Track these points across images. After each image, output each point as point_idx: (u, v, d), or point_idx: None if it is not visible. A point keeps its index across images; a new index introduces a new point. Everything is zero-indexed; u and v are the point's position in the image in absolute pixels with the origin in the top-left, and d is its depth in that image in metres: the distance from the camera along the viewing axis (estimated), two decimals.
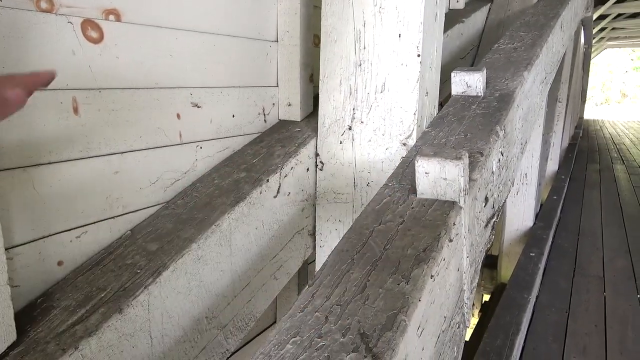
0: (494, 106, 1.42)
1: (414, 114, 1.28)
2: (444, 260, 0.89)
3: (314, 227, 1.49)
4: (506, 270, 4.47)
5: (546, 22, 2.33)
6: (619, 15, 14.49)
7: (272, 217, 1.30)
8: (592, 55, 19.98)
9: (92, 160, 1.05)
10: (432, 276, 0.83)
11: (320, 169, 1.45)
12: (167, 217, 1.16)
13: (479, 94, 1.51)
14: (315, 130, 1.48)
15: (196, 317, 1.08)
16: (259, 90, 1.51)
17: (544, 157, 4.85)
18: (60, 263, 1.01)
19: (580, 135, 11.45)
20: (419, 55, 1.25)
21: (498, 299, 3.16)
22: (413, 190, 1.04)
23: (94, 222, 1.08)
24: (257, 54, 1.49)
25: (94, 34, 1.03)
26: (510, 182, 1.53)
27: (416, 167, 0.99)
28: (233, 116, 1.41)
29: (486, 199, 1.20)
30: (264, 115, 1.53)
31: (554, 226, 4.43)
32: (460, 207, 0.98)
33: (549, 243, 4.07)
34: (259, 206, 1.24)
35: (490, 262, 5.39)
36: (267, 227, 1.28)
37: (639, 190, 6.18)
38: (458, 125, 1.34)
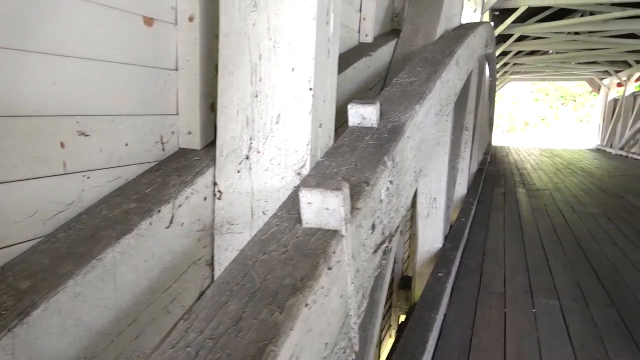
0: (385, 137, 1.51)
1: (307, 144, 1.33)
2: (323, 288, 0.92)
3: (212, 256, 1.48)
4: (419, 291, 4.65)
5: (442, 59, 2.53)
6: (519, 52, 16.03)
7: (164, 249, 1.27)
8: (498, 87, 21.83)
9: None
10: (307, 305, 0.85)
11: (219, 198, 1.44)
12: (45, 252, 1.10)
13: (373, 126, 1.60)
14: (214, 159, 1.48)
15: (73, 358, 1.02)
16: (157, 118, 1.49)
17: (451, 182, 5.17)
18: None
19: (489, 160, 12.34)
20: (310, 89, 1.30)
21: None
22: (300, 220, 1.07)
23: None
24: (155, 82, 1.47)
25: None
26: (402, 209, 1.62)
27: (300, 198, 1.02)
28: (126, 145, 1.37)
29: (373, 226, 1.26)
30: (162, 143, 1.50)
31: (461, 247, 4.69)
32: (342, 236, 1.03)
33: (457, 263, 4.30)
34: (149, 238, 1.21)
35: (405, 283, 5.60)
36: (159, 258, 1.25)
37: (536, 212, 6.75)
38: (350, 156, 1.40)
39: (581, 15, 11.58)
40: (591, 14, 10.91)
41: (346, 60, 2.66)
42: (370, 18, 3.22)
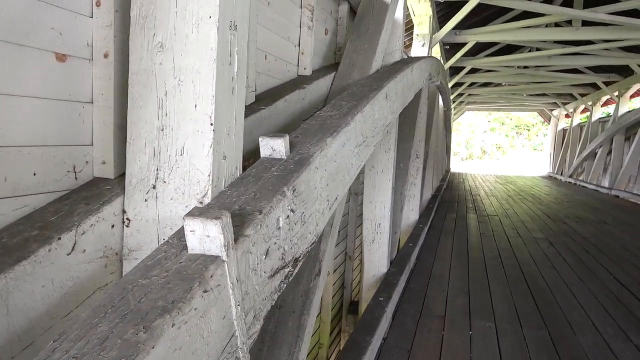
0: (290, 169, 1.62)
1: (209, 175, 1.42)
2: (196, 309, 1.00)
3: None
4: None
5: (367, 94, 2.69)
6: (473, 83, 16.77)
7: (64, 275, 1.32)
8: (456, 117, 22.69)
9: None
10: (174, 324, 0.92)
11: (127, 226, 1.51)
12: None
13: (282, 157, 1.71)
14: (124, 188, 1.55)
15: None
16: (69, 148, 1.55)
17: (397, 208, 5.34)
18: None
19: (445, 186, 12.71)
20: (212, 124, 1.40)
21: None
22: (187, 247, 1.15)
23: None
24: (69, 115, 1.54)
25: None
26: (311, 235, 1.71)
27: (184, 226, 1.10)
28: (34, 174, 1.43)
29: (267, 252, 1.35)
30: (75, 172, 1.56)
31: (406, 271, 4.82)
32: (223, 261, 1.11)
33: (401, 287, 4.41)
34: (47, 264, 1.26)
35: (354, 308, 5.67)
36: (59, 284, 1.30)
37: (484, 236, 7.00)
38: (253, 186, 1.50)
39: (528, 51, 12.31)
40: (537, 49, 11.62)
41: (279, 92, 2.79)
42: (308, 52, 3.39)
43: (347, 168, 2.16)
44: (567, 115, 21.11)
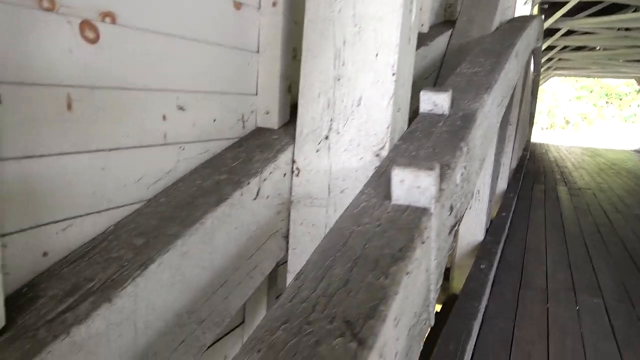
0: (458, 125, 1.55)
1: (387, 127, 1.39)
2: (417, 260, 0.98)
3: (288, 230, 1.56)
4: (458, 282, 4.66)
5: (502, 51, 2.52)
6: (566, 47, 15.52)
7: (250, 219, 1.36)
8: (540, 83, 21.23)
9: (81, 155, 1.08)
10: (407, 273, 0.92)
11: (297, 175, 1.52)
12: (150, 214, 1.20)
13: (445, 113, 1.64)
14: (291, 137, 1.56)
15: (177, 310, 1.12)
16: (240, 97, 1.57)
17: (495, 176, 5.13)
18: (45, 254, 1.03)
19: (528, 157, 12.07)
20: (394, 74, 1.36)
21: (449, 309, 3.31)
22: (388, 197, 1.13)
23: (80, 216, 1.10)
24: (239, 63, 1.55)
25: (90, 35, 1.07)
26: (470, 195, 1.66)
27: (392, 176, 1.08)
28: (214, 120, 1.46)
29: (451, 208, 1.31)
30: (243, 121, 1.59)
31: (502, 241, 4.67)
32: (431, 214, 1.08)
33: (498, 256, 4.30)
34: (239, 207, 1.30)
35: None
36: (246, 227, 1.34)
37: (578, 210, 6.61)
38: (426, 141, 1.45)
39: (634, 11, 11.12)
40: None
41: None
42: (426, 9, 3.23)
43: (493, 128, 2.06)
44: None
